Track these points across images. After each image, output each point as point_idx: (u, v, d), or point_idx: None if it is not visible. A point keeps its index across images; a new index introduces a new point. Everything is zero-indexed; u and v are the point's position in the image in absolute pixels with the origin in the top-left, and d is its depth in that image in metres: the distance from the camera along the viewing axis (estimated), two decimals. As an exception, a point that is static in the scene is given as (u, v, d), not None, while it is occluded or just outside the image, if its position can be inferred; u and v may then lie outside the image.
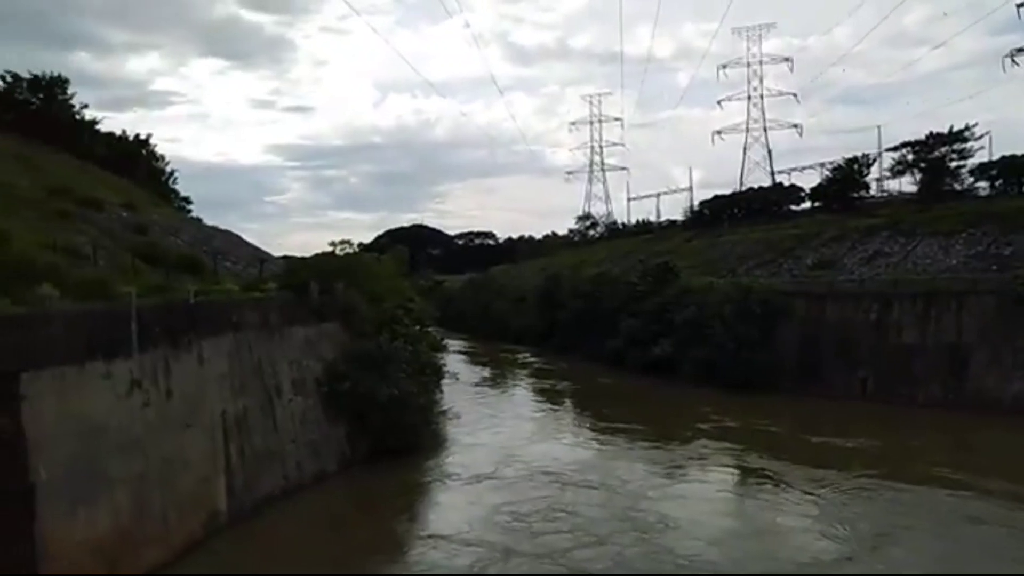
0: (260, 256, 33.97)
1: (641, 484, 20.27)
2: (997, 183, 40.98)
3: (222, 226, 40.26)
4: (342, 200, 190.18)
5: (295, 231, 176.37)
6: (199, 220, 41.92)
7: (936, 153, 43.33)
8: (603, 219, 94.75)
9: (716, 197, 62.79)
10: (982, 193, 41.41)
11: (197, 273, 22.29)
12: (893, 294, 31.46)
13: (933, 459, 21.27)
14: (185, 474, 15.46)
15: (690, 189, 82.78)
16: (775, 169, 71.22)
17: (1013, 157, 40.50)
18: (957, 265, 32.67)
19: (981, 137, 42.78)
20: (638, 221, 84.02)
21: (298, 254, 35.35)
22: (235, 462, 17.32)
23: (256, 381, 18.98)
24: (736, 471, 21.47)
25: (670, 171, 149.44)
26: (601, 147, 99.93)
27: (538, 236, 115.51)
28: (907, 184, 47.32)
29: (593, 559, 14.95)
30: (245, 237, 41.39)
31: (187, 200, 50.38)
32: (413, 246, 72.94)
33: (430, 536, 16.69)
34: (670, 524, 16.83)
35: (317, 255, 27.89)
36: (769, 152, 78.28)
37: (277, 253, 41.28)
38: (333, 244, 28.43)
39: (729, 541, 15.84)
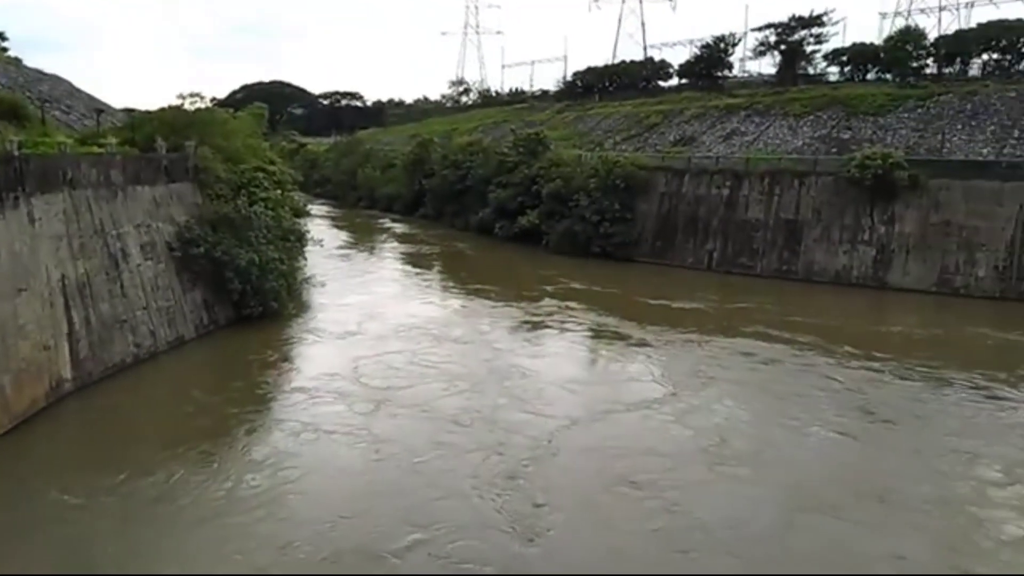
0: (97, 106, 30.65)
1: (500, 339, 21.65)
2: (846, 69, 43.39)
3: (48, 69, 35.55)
4: (192, 49, 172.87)
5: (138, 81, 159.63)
6: (18, 61, 36.69)
7: (795, 36, 44.98)
8: (476, 85, 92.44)
9: (589, 69, 62.52)
10: (832, 78, 43.80)
11: (20, 122, 19.87)
12: (744, 172, 33.39)
13: (758, 319, 23.78)
14: (21, 341, 14.47)
15: (564, 59, 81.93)
16: (647, 43, 71.45)
17: (863, 44, 42.80)
18: (803, 147, 34.96)
19: (837, 23, 44.79)
20: (512, 90, 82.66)
21: (142, 107, 32.19)
22: (79, 329, 16.36)
23: (98, 244, 17.65)
24: (586, 329, 22.97)
25: (545, 40, 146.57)
26: (476, 7, 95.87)
27: (409, 100, 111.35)
28: (767, 66, 49.16)
29: (464, 408, 15.77)
30: (78, 84, 36.95)
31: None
32: (274, 104, 68.04)
33: (296, 390, 16.90)
34: (527, 373, 18.24)
35: (164, 109, 25.53)
36: (643, 25, 78.09)
37: (117, 104, 37.33)
38: (182, 97, 26.14)
39: (578, 387, 17.50)
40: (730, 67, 51.15)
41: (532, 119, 56.66)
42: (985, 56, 39.07)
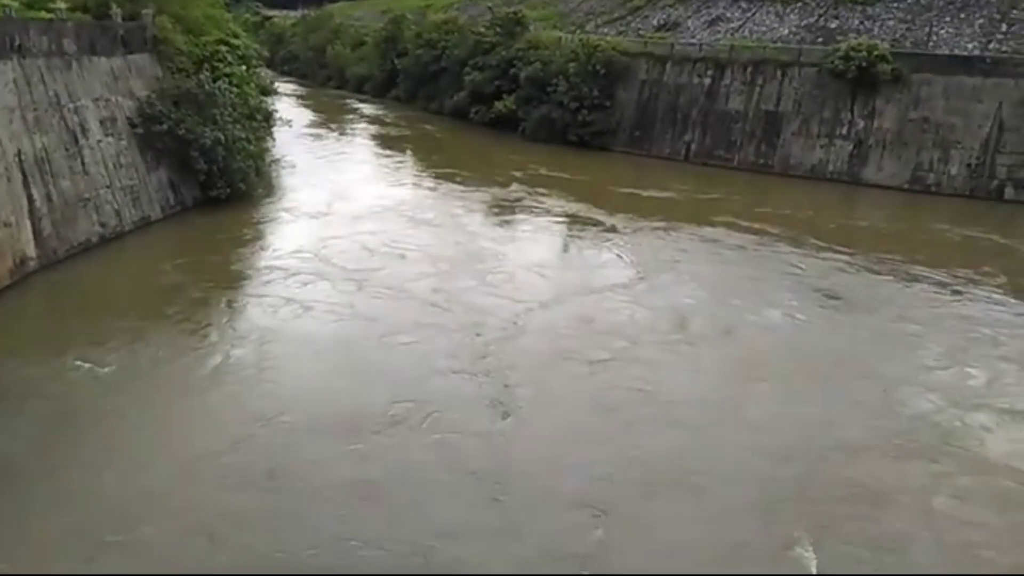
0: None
1: (473, 223, 21.73)
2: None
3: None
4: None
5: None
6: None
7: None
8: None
9: (572, -57, 59.20)
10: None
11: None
12: (727, 61, 32.51)
13: (729, 210, 23.95)
14: (-20, 218, 14.07)
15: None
16: (634, -83, 67.46)
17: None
18: (788, 35, 33.96)
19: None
20: (489, -36, 78.09)
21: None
22: (40, 207, 15.88)
23: (55, 118, 16.84)
24: (558, 216, 23.00)
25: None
26: None
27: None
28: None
29: (438, 289, 15.95)
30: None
31: None
32: (236, -28, 63.78)
33: (270, 268, 16.89)
34: (499, 256, 18.51)
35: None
36: None
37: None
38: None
39: (548, 271, 17.83)
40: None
41: (511, -3, 53.99)
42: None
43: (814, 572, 8.01)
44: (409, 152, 33.91)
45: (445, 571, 7.93)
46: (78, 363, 12.03)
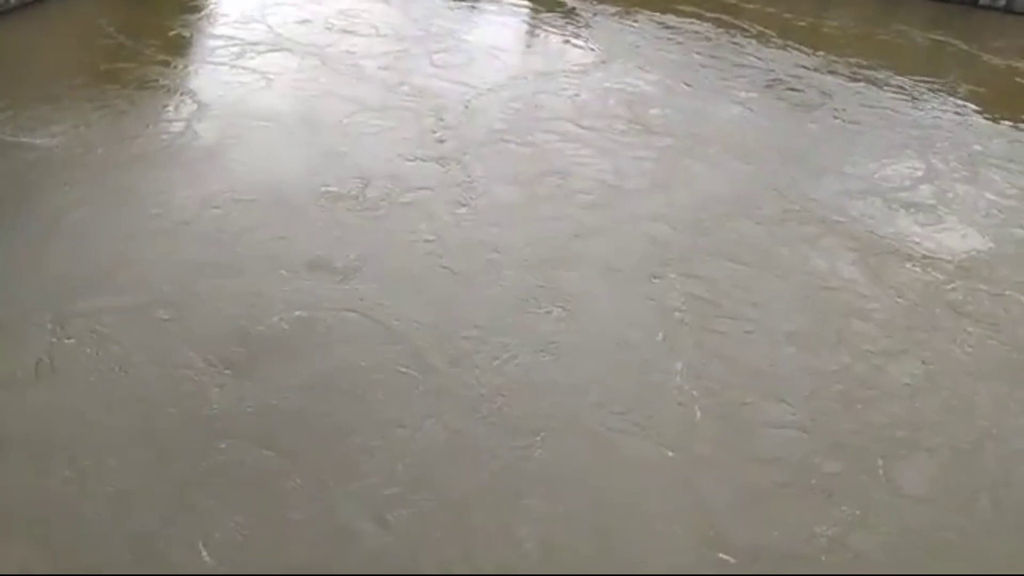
0: None
1: None
2: None
3: None
4: None
5: None
6: None
7: None
8: None
9: None
10: None
11: None
12: None
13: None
14: None
15: None
16: None
17: None
18: None
19: None
20: None
21: None
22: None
23: None
24: (532, 4, 21.16)
25: None
26: None
27: None
28: None
29: (391, 67, 15.02)
30: None
31: None
32: None
33: (214, 35, 15.73)
34: (459, 36, 17.51)
35: None
36: None
37: None
38: None
39: (507, 56, 16.98)
40: None
41: None
42: None
43: (680, 313, 8.90)
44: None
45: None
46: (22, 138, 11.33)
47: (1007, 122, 16.20)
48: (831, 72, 18.01)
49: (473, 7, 20.21)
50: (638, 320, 8.83)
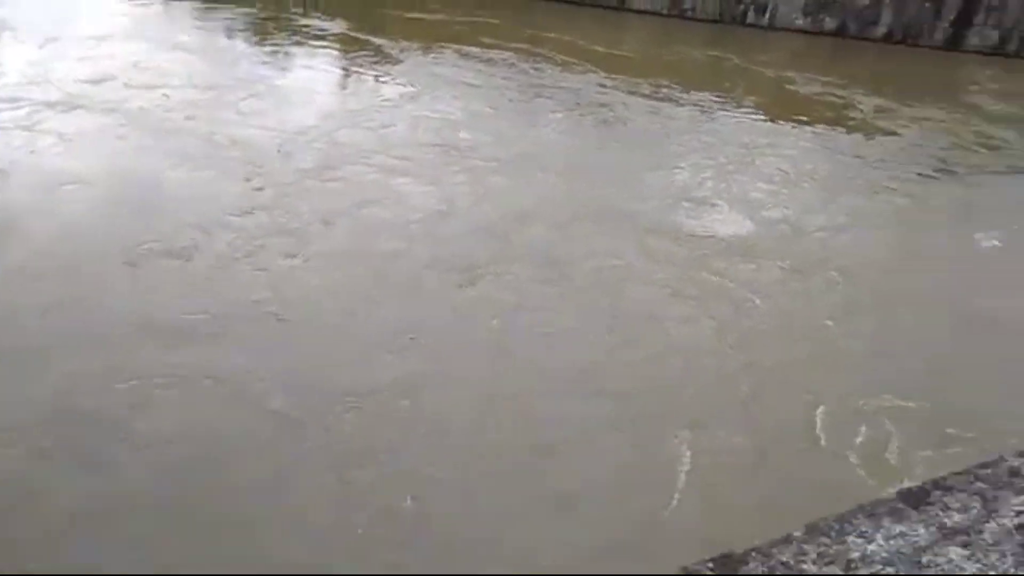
0: None
1: (236, 46, 20.30)
2: None
3: None
4: None
5: None
6: None
7: None
8: None
9: None
10: None
11: None
12: None
13: (496, 33, 23.54)
14: None
15: None
16: None
17: None
18: None
19: None
20: None
21: None
22: None
23: None
24: (328, 39, 21.77)
25: None
26: None
27: None
28: None
29: (196, 116, 14.66)
30: None
31: None
32: None
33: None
34: (269, 80, 17.57)
35: None
36: None
37: None
38: None
39: (320, 97, 17.30)
40: None
41: None
42: None
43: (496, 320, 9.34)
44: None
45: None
46: None
47: (782, 122, 18.47)
48: (630, 92, 19.66)
49: (279, 51, 20.25)
50: (473, 324, 9.32)
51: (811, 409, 8.20)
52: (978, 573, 1.33)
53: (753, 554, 1.45)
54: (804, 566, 1.40)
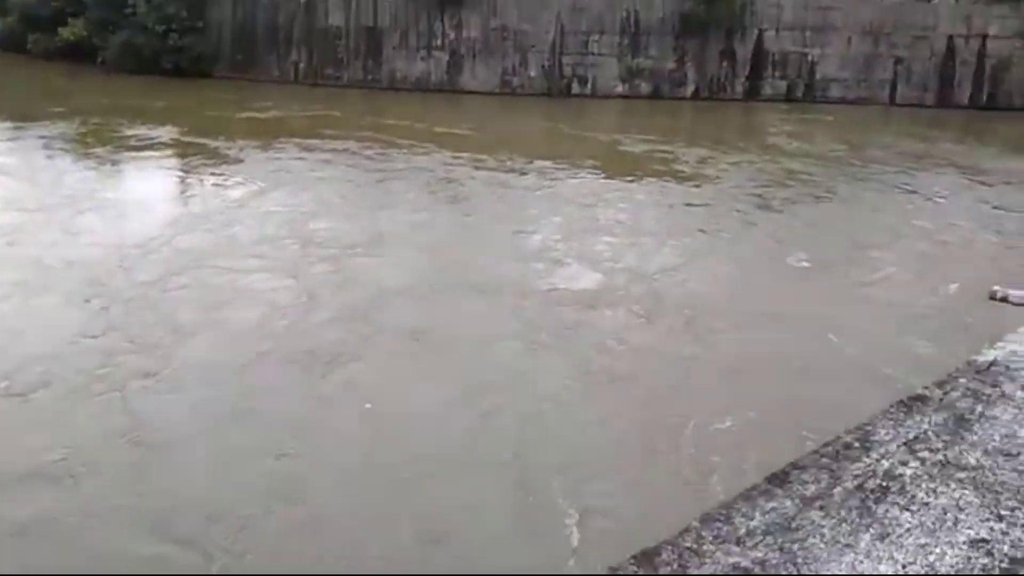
0: None
1: (62, 165, 19.18)
2: None
3: None
4: None
5: None
6: None
7: None
8: None
9: None
10: None
11: None
12: (319, -25, 32.09)
13: (339, 123, 24.59)
14: None
15: None
16: None
17: None
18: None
19: None
20: None
21: None
22: None
23: None
24: (175, 151, 21.22)
25: None
26: None
27: None
28: None
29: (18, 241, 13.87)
30: None
31: None
32: None
33: None
34: (101, 197, 16.77)
35: None
36: None
37: None
38: None
39: (161, 205, 16.71)
40: None
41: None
42: None
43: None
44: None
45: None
46: None
47: (619, 180, 19.77)
48: (476, 167, 20.34)
49: (105, 163, 19.41)
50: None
51: (678, 432, 8.65)
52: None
53: (665, 546, 1.62)
54: (705, 547, 1.58)
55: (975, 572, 1.42)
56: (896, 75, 32.07)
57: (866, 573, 1.54)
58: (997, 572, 1.43)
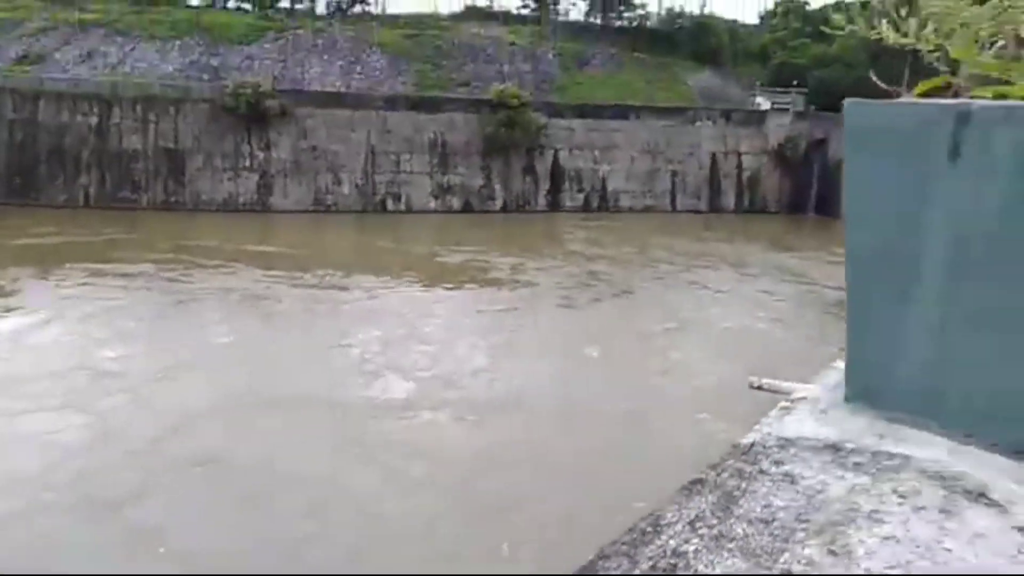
0: None
1: None
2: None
3: None
4: None
5: None
6: None
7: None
8: None
9: None
10: (194, 2, 43.17)
11: None
12: (112, 98, 30.79)
13: (135, 246, 23.28)
14: None
15: None
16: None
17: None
18: (174, 72, 33.98)
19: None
20: None
21: None
22: None
23: None
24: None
25: None
26: None
27: None
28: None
29: None
30: None
31: None
32: None
33: None
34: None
35: None
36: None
37: None
38: None
39: None
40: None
41: None
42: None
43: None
44: None
45: None
46: None
47: (437, 290, 20.10)
48: (292, 284, 19.66)
49: None
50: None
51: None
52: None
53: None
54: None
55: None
56: (674, 186, 36.28)
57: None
58: None
